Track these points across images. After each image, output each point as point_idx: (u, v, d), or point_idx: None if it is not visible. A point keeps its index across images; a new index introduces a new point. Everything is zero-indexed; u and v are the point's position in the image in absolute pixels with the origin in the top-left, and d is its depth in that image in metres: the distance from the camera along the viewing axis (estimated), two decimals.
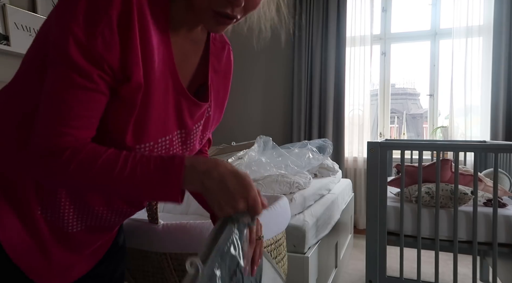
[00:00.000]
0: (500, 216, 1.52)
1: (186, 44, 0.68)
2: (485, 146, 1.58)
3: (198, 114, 0.70)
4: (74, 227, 0.68)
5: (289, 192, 1.80)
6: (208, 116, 0.75)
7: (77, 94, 0.54)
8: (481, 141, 2.34)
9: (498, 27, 2.88)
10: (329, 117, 3.36)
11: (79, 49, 0.52)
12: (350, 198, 2.74)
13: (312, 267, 1.53)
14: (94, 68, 0.53)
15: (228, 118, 3.87)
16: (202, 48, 0.73)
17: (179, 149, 0.70)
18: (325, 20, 3.37)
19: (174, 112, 0.65)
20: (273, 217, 1.15)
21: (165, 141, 0.66)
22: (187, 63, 0.70)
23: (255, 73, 3.78)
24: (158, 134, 0.64)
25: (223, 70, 0.78)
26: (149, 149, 0.63)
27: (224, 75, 0.79)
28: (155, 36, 0.59)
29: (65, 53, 0.52)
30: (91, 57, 0.53)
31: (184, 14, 0.64)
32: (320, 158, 2.34)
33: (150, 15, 0.58)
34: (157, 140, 0.64)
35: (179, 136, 0.69)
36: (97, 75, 0.54)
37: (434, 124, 3.32)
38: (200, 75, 0.73)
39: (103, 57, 0.53)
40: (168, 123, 0.65)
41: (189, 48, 0.70)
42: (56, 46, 0.53)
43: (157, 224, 1.07)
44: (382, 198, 1.59)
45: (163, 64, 0.61)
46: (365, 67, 3.32)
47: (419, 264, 1.61)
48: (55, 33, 0.53)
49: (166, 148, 0.67)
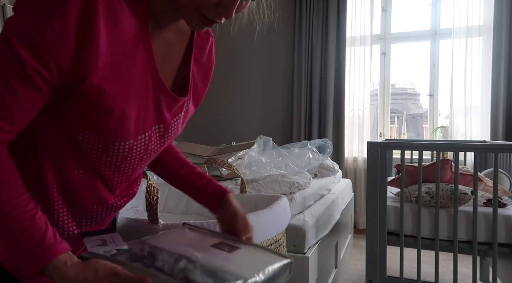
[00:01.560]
0: (500, 216, 1.52)
1: (170, 34, 0.66)
2: (485, 146, 1.58)
3: (176, 108, 0.69)
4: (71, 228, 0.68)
5: (289, 192, 1.80)
6: (187, 109, 0.73)
7: (10, 81, 0.51)
8: (481, 141, 2.34)
9: (498, 27, 2.88)
10: (329, 117, 3.36)
11: (23, 37, 0.49)
12: (350, 198, 2.74)
13: (312, 267, 1.53)
14: (32, 60, 0.50)
15: (228, 118, 3.88)
16: (187, 39, 0.70)
17: (157, 144, 0.69)
18: (325, 20, 3.37)
19: (153, 108, 0.64)
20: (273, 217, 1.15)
21: (144, 138, 0.65)
22: (172, 55, 0.68)
23: (255, 73, 3.78)
24: (138, 132, 0.63)
25: (204, 64, 0.76)
26: (129, 147, 0.63)
27: (205, 68, 0.76)
28: (130, 33, 0.56)
29: (9, 38, 0.49)
30: (34, 48, 0.49)
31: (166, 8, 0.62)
32: (320, 158, 2.34)
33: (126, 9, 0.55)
34: (136, 137, 0.63)
35: (157, 131, 0.67)
36: (32, 69, 0.50)
37: (434, 124, 3.32)
38: (184, 68, 0.71)
39: (49, 51, 0.50)
40: (147, 120, 0.64)
41: (174, 39, 0.67)
42: (4, 27, 0.51)
43: (157, 224, 1.07)
44: (382, 198, 1.59)
45: (142, 62, 0.59)
46: (365, 67, 3.32)
47: (419, 264, 1.61)
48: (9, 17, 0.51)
49: (145, 144, 0.66)
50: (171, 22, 0.64)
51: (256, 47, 3.71)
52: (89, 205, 0.68)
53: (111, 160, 0.64)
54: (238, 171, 1.50)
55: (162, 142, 0.71)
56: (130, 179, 0.73)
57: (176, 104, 0.68)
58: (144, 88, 0.61)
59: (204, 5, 0.56)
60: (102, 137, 0.60)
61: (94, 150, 0.62)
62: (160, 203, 1.55)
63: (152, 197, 1.07)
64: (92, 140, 0.61)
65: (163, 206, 1.81)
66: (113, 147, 0.62)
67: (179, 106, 0.69)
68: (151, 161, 0.85)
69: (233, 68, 3.80)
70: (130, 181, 0.75)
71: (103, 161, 0.64)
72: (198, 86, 0.75)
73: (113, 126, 0.59)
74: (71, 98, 0.57)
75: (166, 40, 0.65)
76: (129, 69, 0.57)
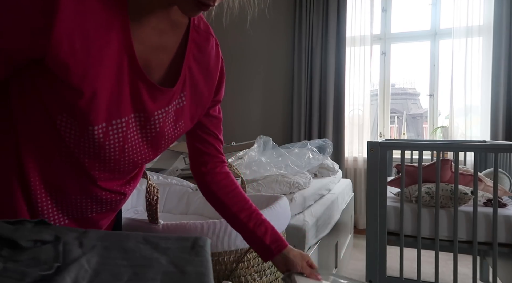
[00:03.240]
0: (500, 216, 1.52)
1: (161, 24, 0.64)
2: (485, 146, 1.58)
3: (163, 99, 0.67)
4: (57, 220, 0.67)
5: (289, 192, 1.80)
6: (183, 106, 0.71)
7: None
8: (481, 141, 2.34)
9: (498, 27, 2.88)
10: (329, 117, 3.36)
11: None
12: (350, 198, 2.74)
13: None
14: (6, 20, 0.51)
15: (228, 118, 3.87)
16: (182, 32, 0.69)
17: (137, 133, 0.67)
18: (325, 20, 3.37)
19: (129, 93, 0.62)
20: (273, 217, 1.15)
21: (121, 124, 0.63)
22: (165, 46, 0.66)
23: (255, 73, 3.78)
24: (112, 116, 0.62)
25: (206, 64, 0.74)
26: (103, 131, 0.62)
27: (208, 69, 0.74)
28: (102, 12, 0.56)
29: None
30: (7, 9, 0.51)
31: None
32: (320, 158, 2.34)
33: None
34: (110, 122, 0.62)
35: (137, 120, 0.66)
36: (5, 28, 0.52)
37: (434, 124, 3.32)
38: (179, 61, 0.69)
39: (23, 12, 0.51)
40: (121, 105, 0.62)
41: (167, 29, 0.66)
42: None
43: (157, 224, 1.07)
44: (382, 198, 1.59)
45: (117, 43, 0.58)
46: (365, 67, 3.32)
47: (419, 264, 1.61)
48: None
49: (123, 131, 0.64)
50: (159, 8, 0.63)
51: (256, 47, 3.72)
52: (72, 195, 0.68)
53: (89, 147, 0.63)
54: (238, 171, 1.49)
55: (144, 133, 0.68)
56: (115, 172, 0.70)
57: (160, 94, 0.66)
58: (118, 70, 0.60)
59: None
60: (77, 119, 0.59)
61: (72, 135, 0.61)
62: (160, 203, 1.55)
63: (152, 197, 1.07)
64: (70, 124, 0.60)
65: (163, 206, 1.81)
66: (87, 131, 0.61)
67: (167, 98, 0.67)
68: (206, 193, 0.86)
69: (233, 68, 3.80)
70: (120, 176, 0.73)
71: (81, 148, 0.63)
72: (199, 86, 0.73)
73: (84, 107, 0.58)
74: (47, 79, 0.57)
75: (157, 29, 0.64)
76: (100, 48, 0.57)
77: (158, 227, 1.05)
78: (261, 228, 0.83)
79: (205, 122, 0.82)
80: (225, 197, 0.85)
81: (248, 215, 0.84)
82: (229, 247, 1.04)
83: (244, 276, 1.06)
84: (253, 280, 1.07)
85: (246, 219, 0.83)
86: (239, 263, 1.05)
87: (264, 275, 1.10)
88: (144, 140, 0.69)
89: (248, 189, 1.67)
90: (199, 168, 0.86)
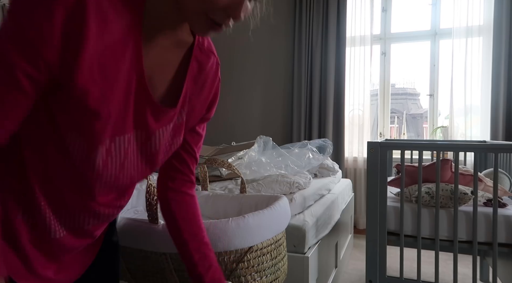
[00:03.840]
0: (500, 216, 1.52)
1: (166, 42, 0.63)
2: (485, 146, 1.58)
3: (165, 118, 0.66)
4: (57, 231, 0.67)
5: (289, 192, 1.80)
6: (181, 122, 0.70)
7: None
8: (481, 141, 2.34)
9: (498, 27, 2.88)
10: (329, 117, 3.36)
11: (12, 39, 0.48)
12: (350, 198, 2.74)
13: (312, 267, 1.52)
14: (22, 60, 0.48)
15: (228, 118, 3.88)
16: (185, 50, 0.68)
17: (137, 149, 0.66)
18: (325, 20, 3.37)
19: (132, 111, 0.61)
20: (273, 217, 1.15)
21: (123, 140, 0.62)
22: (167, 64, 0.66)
23: (255, 73, 3.78)
24: (115, 133, 0.60)
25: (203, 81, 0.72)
26: (106, 147, 0.60)
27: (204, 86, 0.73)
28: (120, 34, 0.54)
29: None
30: (23, 48, 0.48)
31: (166, 11, 0.59)
32: (320, 158, 2.34)
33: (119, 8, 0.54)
34: (114, 138, 0.61)
35: (137, 136, 0.65)
36: (22, 71, 0.49)
37: (434, 124, 3.32)
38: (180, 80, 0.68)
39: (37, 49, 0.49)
40: (126, 122, 0.61)
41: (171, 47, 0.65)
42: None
43: (157, 224, 1.07)
44: (382, 198, 1.59)
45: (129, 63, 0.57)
46: (365, 67, 3.33)
47: (419, 264, 1.61)
48: None
49: (125, 147, 0.63)
50: (170, 29, 0.62)
51: (256, 47, 3.72)
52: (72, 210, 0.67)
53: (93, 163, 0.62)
54: (238, 171, 1.50)
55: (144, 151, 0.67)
56: (112, 187, 0.69)
57: (163, 115, 0.65)
58: (127, 87, 0.59)
59: (211, 9, 0.55)
60: (86, 137, 0.58)
61: (79, 151, 0.60)
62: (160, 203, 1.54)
63: (152, 197, 1.07)
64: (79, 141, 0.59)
65: None
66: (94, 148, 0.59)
67: (169, 117, 0.67)
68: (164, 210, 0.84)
69: (233, 68, 3.80)
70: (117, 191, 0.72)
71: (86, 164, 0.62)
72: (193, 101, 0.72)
73: (99, 128, 0.57)
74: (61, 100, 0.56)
75: (163, 47, 0.63)
76: (117, 69, 0.56)
77: (158, 227, 1.05)
78: (205, 263, 0.80)
79: (187, 137, 0.79)
80: (182, 220, 0.82)
81: (197, 247, 0.81)
82: (229, 247, 1.04)
83: (244, 276, 1.05)
84: (253, 280, 1.07)
85: (194, 249, 0.81)
86: (239, 263, 1.05)
87: (264, 275, 1.10)
88: (143, 156, 0.68)
89: (248, 189, 1.67)
90: (165, 182, 0.83)
